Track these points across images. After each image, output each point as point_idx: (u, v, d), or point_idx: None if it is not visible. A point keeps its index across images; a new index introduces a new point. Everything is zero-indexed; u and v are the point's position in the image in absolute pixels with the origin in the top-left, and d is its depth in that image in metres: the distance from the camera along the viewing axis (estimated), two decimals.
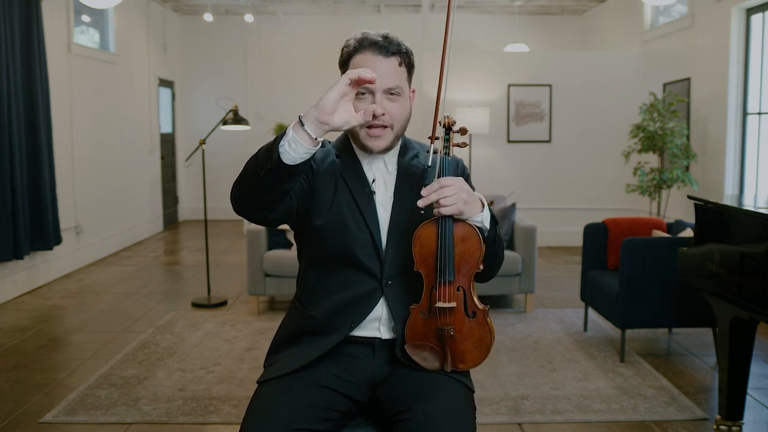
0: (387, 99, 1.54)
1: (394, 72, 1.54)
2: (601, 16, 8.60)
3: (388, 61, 1.53)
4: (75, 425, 2.84)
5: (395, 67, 1.55)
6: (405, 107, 1.58)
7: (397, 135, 1.59)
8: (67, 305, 4.78)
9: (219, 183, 9.19)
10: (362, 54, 1.54)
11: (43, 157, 5.11)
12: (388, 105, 1.54)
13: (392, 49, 1.54)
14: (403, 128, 1.61)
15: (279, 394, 1.49)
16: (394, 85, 1.54)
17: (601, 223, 4.10)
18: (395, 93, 1.55)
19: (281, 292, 4.47)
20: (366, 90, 1.52)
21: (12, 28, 4.79)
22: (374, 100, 1.53)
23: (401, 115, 1.57)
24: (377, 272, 1.58)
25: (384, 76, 1.52)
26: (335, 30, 9.07)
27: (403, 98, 1.57)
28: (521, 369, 3.50)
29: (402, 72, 1.57)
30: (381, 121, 1.54)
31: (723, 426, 2.57)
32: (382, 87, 1.53)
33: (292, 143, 1.33)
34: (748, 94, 5.40)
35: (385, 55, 1.53)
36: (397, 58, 1.55)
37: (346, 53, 1.57)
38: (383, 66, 1.52)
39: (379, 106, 1.51)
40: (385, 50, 1.53)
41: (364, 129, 1.56)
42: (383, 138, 1.56)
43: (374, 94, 1.53)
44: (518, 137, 7.21)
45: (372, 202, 1.60)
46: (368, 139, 1.56)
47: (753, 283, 2.26)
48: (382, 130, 1.55)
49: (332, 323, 1.58)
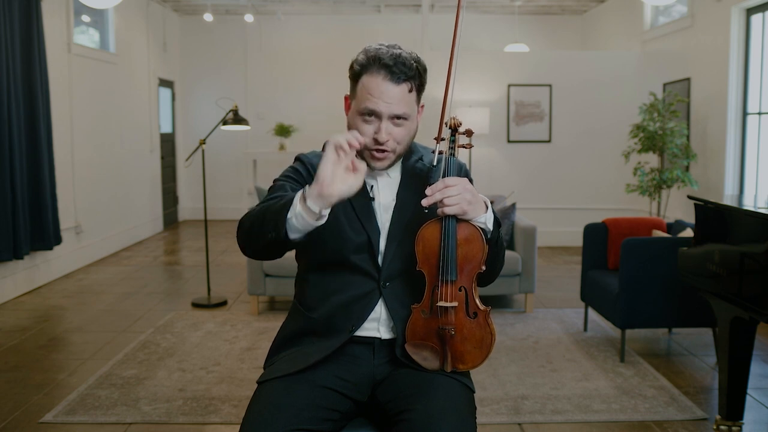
0: (393, 124, 1.53)
1: (402, 99, 1.52)
2: (601, 16, 8.60)
3: (398, 89, 1.51)
4: (75, 425, 2.84)
5: (404, 94, 1.52)
6: (411, 129, 1.58)
7: (400, 155, 1.60)
8: (67, 305, 4.78)
9: (219, 183, 9.20)
10: (371, 76, 1.51)
11: (43, 157, 5.11)
12: (393, 130, 1.53)
13: (403, 77, 1.51)
14: (407, 148, 1.60)
15: (279, 394, 1.49)
16: (401, 113, 1.52)
17: (601, 223, 4.10)
18: (402, 118, 1.53)
19: (281, 292, 4.46)
20: (372, 113, 1.52)
21: (12, 28, 4.79)
22: (380, 126, 1.52)
23: (406, 138, 1.57)
24: (375, 274, 1.58)
25: (392, 103, 1.50)
26: (335, 30, 9.07)
27: (410, 121, 1.56)
28: (521, 369, 3.50)
29: (411, 97, 1.55)
30: (385, 147, 1.54)
31: (723, 426, 2.57)
32: (389, 113, 1.51)
33: (299, 217, 1.35)
34: (748, 94, 5.40)
35: (396, 83, 1.51)
36: (407, 84, 1.52)
37: (356, 70, 1.55)
38: (392, 92, 1.50)
39: (383, 133, 1.51)
40: (396, 78, 1.50)
41: (367, 150, 1.56)
42: (386, 160, 1.57)
43: (381, 119, 1.52)
44: (518, 137, 7.21)
45: (370, 207, 1.60)
46: (371, 159, 1.57)
47: (753, 283, 2.26)
48: (385, 152, 1.55)
49: (332, 324, 1.59)
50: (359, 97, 1.54)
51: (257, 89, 9.26)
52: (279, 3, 8.44)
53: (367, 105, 1.51)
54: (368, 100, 1.51)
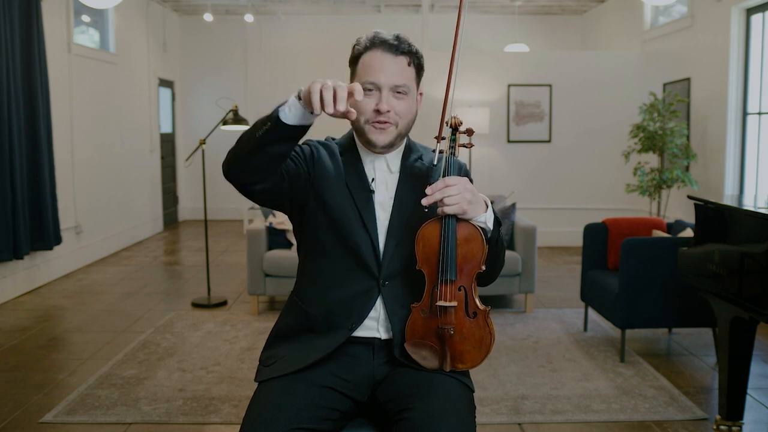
0: (393, 97, 1.55)
1: (402, 70, 1.55)
2: (601, 16, 8.60)
3: (397, 60, 1.54)
4: (75, 425, 2.84)
5: (404, 66, 1.55)
6: (411, 107, 1.58)
7: (401, 133, 1.59)
8: (67, 305, 4.78)
9: (219, 183, 9.12)
10: (372, 52, 1.55)
11: (43, 157, 5.11)
12: (394, 102, 1.55)
13: (402, 49, 1.55)
14: (407, 128, 1.61)
15: (279, 393, 1.49)
16: (401, 83, 1.54)
17: (601, 223, 4.10)
18: (402, 92, 1.55)
19: (281, 292, 4.46)
20: (372, 86, 1.53)
21: (12, 28, 4.79)
22: (381, 97, 1.53)
23: (407, 114, 1.57)
24: (375, 271, 1.58)
25: (392, 73, 1.53)
26: (335, 30, 9.06)
27: (410, 98, 1.58)
28: (521, 369, 3.50)
29: (410, 72, 1.57)
30: (386, 118, 1.54)
31: (723, 426, 2.57)
32: (389, 84, 1.53)
33: (292, 107, 1.35)
34: (748, 94, 5.40)
35: (395, 54, 1.54)
36: (406, 57, 1.56)
37: (356, 51, 1.58)
38: (392, 64, 1.53)
39: (384, 103, 1.52)
40: (395, 49, 1.54)
41: (369, 124, 1.56)
42: (387, 132, 1.56)
43: (381, 91, 1.53)
44: (518, 137, 7.21)
45: (371, 203, 1.60)
46: (372, 132, 1.56)
47: (753, 283, 2.26)
48: (386, 124, 1.56)
49: (330, 321, 1.58)
50: (359, 74, 1.56)
51: (257, 89, 9.26)
52: (279, 3, 8.44)
53: (368, 77, 1.53)
54: (368, 74, 1.53)
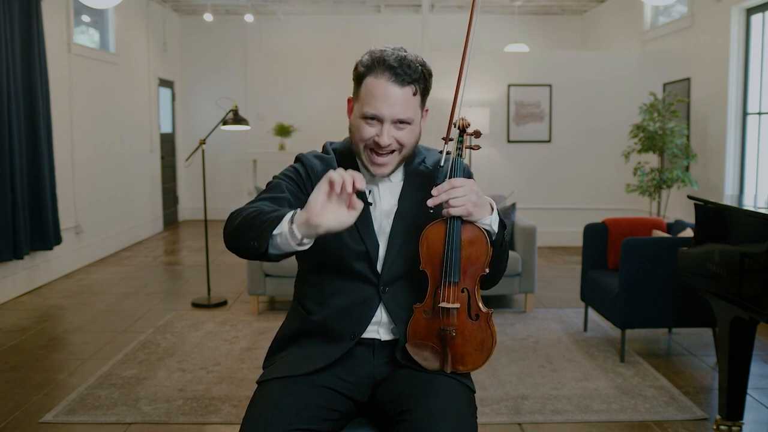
0: (395, 128, 1.50)
1: (406, 103, 1.48)
2: (601, 16, 8.60)
3: (402, 91, 1.47)
4: (75, 425, 2.84)
5: (409, 98, 1.49)
6: (414, 132, 1.54)
7: (404, 158, 1.56)
8: (67, 305, 4.78)
9: (219, 183, 9.19)
10: (375, 77, 1.48)
11: (43, 157, 5.11)
12: (395, 133, 1.50)
13: (408, 79, 1.48)
14: (410, 151, 1.56)
15: (279, 394, 1.49)
16: (404, 117, 1.49)
17: (601, 223, 4.10)
18: (405, 123, 1.50)
19: (281, 292, 4.46)
20: (375, 117, 1.48)
21: (12, 28, 4.79)
22: (382, 129, 1.49)
23: (410, 141, 1.53)
24: (374, 280, 1.57)
25: (395, 105, 1.47)
26: (335, 30, 9.07)
27: (414, 126, 1.53)
28: (521, 369, 3.50)
29: (415, 101, 1.51)
30: (387, 149, 1.50)
31: (723, 426, 2.57)
32: (392, 117, 1.48)
33: (282, 236, 1.31)
34: (748, 94, 5.40)
35: (400, 85, 1.47)
36: (411, 87, 1.49)
37: (360, 71, 1.51)
38: (396, 96, 1.47)
39: (385, 136, 1.48)
40: (401, 80, 1.47)
41: (368, 152, 1.52)
42: (388, 165, 1.53)
43: (383, 123, 1.48)
44: (518, 137, 7.21)
45: (368, 214, 1.57)
46: (371, 164, 1.53)
47: (753, 283, 2.25)
48: (387, 156, 1.52)
49: (332, 327, 1.58)
50: (362, 100, 1.50)
51: (257, 89, 9.26)
52: (279, 3, 8.44)
53: (370, 109, 1.48)
54: (371, 104, 1.48)
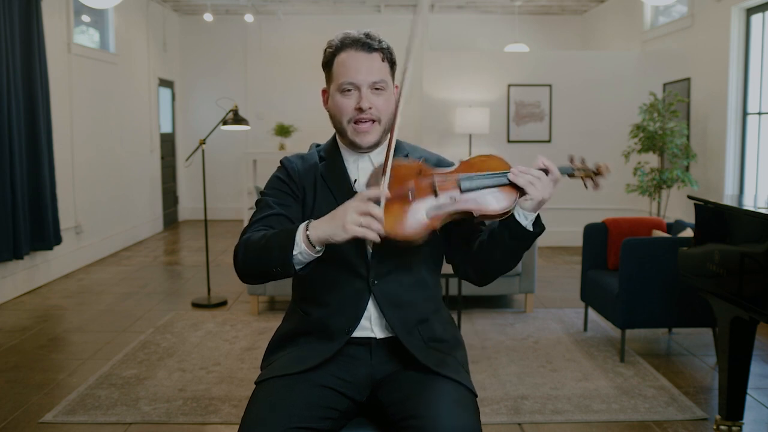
0: (372, 93, 1.58)
1: (377, 67, 1.58)
2: (601, 16, 8.60)
3: (371, 57, 1.58)
4: (75, 425, 2.84)
5: (378, 63, 1.59)
6: (390, 101, 1.61)
7: (385, 129, 1.61)
8: (67, 305, 4.78)
9: (219, 183, 9.19)
10: (345, 53, 1.58)
11: (43, 157, 5.11)
12: (373, 99, 1.57)
13: (374, 46, 1.58)
14: (389, 122, 1.62)
15: (277, 393, 1.49)
16: (378, 79, 1.57)
17: (601, 223, 4.10)
18: (380, 87, 1.58)
19: (281, 292, 4.46)
20: (351, 86, 1.56)
21: (12, 28, 4.79)
22: (360, 95, 1.56)
23: (387, 108, 1.60)
24: (363, 272, 1.58)
25: (368, 71, 1.57)
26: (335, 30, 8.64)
27: (388, 92, 1.61)
28: (521, 369, 3.50)
29: (385, 67, 1.60)
30: (368, 115, 1.57)
31: (723, 426, 2.57)
32: (367, 81, 1.57)
33: (304, 254, 1.40)
34: (748, 94, 5.40)
35: (368, 52, 1.58)
36: (379, 54, 1.59)
37: (329, 53, 1.61)
38: (366, 62, 1.57)
39: (365, 100, 1.55)
40: (368, 47, 1.57)
41: (351, 125, 1.58)
42: (371, 133, 1.59)
43: (360, 89, 1.56)
44: (518, 137, 7.21)
45: None
46: (356, 135, 1.59)
47: (753, 283, 2.26)
48: (370, 124, 1.58)
49: (327, 324, 1.59)
50: (336, 76, 1.59)
51: (257, 89, 9.26)
52: (279, 3, 8.44)
53: (345, 79, 1.56)
54: (345, 74, 1.57)
